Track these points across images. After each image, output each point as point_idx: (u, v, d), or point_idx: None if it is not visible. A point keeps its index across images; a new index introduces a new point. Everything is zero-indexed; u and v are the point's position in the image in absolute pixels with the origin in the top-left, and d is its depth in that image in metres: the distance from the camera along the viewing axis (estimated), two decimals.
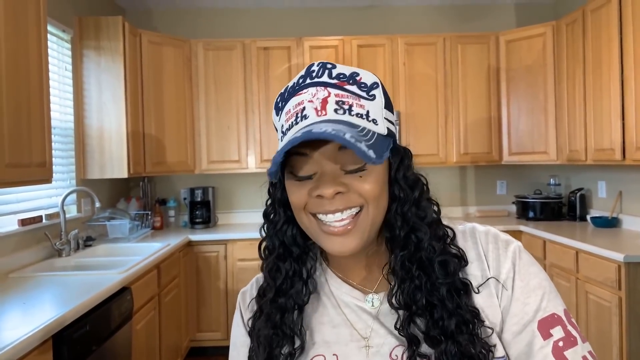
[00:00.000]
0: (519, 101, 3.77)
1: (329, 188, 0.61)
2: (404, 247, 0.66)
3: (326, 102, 0.63)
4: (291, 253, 0.72)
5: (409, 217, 0.66)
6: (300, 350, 0.69)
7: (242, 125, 3.83)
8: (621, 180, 3.30)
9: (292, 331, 0.69)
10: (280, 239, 0.72)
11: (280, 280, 0.71)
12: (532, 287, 0.66)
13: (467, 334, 0.62)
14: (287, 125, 0.65)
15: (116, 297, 2.13)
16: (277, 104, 0.70)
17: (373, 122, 0.64)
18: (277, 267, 0.72)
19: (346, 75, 0.66)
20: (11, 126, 1.87)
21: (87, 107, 3.23)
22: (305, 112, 0.63)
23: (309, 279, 0.72)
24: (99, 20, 3.24)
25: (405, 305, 0.65)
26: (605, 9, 2.91)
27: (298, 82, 0.67)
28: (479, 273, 0.67)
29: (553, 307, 0.65)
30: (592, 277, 2.64)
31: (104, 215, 3.34)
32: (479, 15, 4.22)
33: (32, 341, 1.46)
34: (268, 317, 0.70)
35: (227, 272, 3.55)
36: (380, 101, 0.66)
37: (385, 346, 0.68)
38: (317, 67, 0.66)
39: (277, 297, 0.70)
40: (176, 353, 3.18)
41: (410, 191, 0.67)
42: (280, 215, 0.72)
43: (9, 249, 2.40)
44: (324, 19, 4.18)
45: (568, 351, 0.62)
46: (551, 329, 0.63)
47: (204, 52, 3.80)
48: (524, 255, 0.68)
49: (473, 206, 4.23)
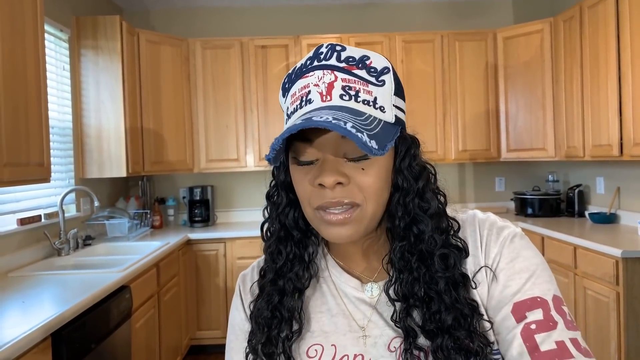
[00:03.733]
0: (516, 98, 3.77)
1: (330, 177, 0.60)
2: (404, 238, 0.65)
3: (332, 87, 0.62)
4: (292, 236, 0.71)
5: (410, 208, 0.65)
6: (297, 333, 0.69)
7: (241, 124, 3.83)
8: (619, 176, 3.31)
9: (291, 314, 0.69)
10: (282, 222, 0.72)
11: (281, 263, 0.70)
12: (516, 270, 0.63)
13: (464, 329, 0.61)
14: (292, 108, 0.64)
15: (115, 296, 2.14)
16: (285, 85, 0.68)
17: (380, 109, 0.62)
18: (278, 250, 0.71)
19: (355, 58, 0.64)
20: (9, 126, 1.87)
21: (85, 107, 3.23)
22: (310, 97, 0.62)
23: (310, 263, 0.72)
24: (97, 20, 3.24)
25: (403, 296, 0.65)
26: (602, 6, 2.91)
27: (305, 63, 0.65)
28: (475, 261, 0.66)
29: (539, 291, 0.62)
30: (590, 272, 2.65)
31: (103, 214, 3.34)
32: (476, 12, 4.22)
33: (31, 339, 1.47)
34: (268, 297, 0.70)
35: (227, 270, 3.56)
36: (390, 87, 0.64)
37: (384, 337, 0.67)
38: (326, 49, 0.64)
39: (277, 278, 0.70)
40: (176, 351, 3.19)
41: (414, 182, 0.65)
42: (283, 198, 0.71)
43: (8, 248, 2.41)
44: (321, 16, 4.18)
45: (540, 334, 0.58)
46: (528, 311, 0.60)
47: (201, 50, 3.80)
48: (517, 240, 0.66)
49: (472, 203, 4.24)
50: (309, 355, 0.69)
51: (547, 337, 0.57)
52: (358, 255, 0.72)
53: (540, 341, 0.57)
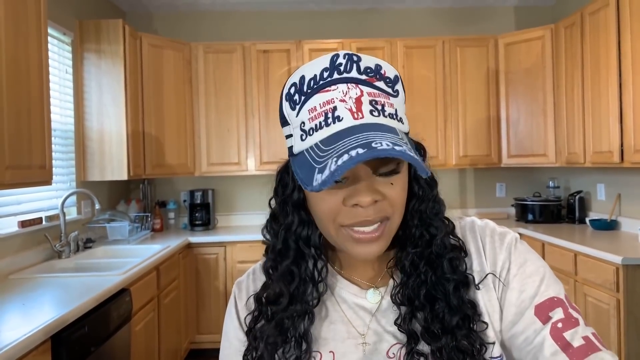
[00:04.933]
0: (518, 104, 3.78)
1: (367, 196, 0.58)
2: (417, 245, 0.66)
3: (360, 103, 0.59)
4: (304, 255, 0.69)
5: (426, 214, 0.66)
6: (307, 355, 0.67)
7: (242, 128, 3.84)
8: (620, 183, 3.31)
9: (302, 338, 0.67)
10: (294, 242, 0.69)
11: (294, 286, 0.68)
12: (528, 273, 0.65)
13: (465, 328, 0.62)
14: (313, 124, 0.59)
15: (115, 299, 2.14)
16: (291, 96, 0.63)
17: (400, 121, 0.62)
18: (291, 272, 0.68)
19: (372, 69, 0.62)
20: (11, 128, 1.88)
21: (88, 110, 3.24)
22: (337, 113, 0.58)
23: (321, 282, 0.69)
24: (100, 24, 3.26)
25: (409, 300, 0.65)
26: (603, 12, 2.92)
27: (322, 75, 0.61)
28: (479, 268, 0.67)
29: (553, 291, 0.63)
30: (590, 279, 2.65)
31: (104, 217, 3.34)
32: (478, 18, 4.23)
33: (31, 341, 1.47)
34: (279, 324, 0.67)
35: (227, 274, 3.56)
36: (402, 96, 0.65)
37: (383, 344, 0.67)
38: (344, 60, 0.61)
39: (290, 304, 0.68)
40: (175, 355, 3.18)
41: (429, 189, 0.67)
42: (294, 217, 0.68)
43: (9, 250, 2.41)
44: (323, 22, 4.20)
45: (568, 332, 0.59)
46: (550, 311, 0.61)
47: (204, 55, 3.82)
48: (520, 245, 0.68)
49: (472, 209, 4.24)
50: None
51: (574, 334, 0.59)
52: (360, 264, 0.71)
53: (570, 338, 0.59)
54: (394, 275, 0.68)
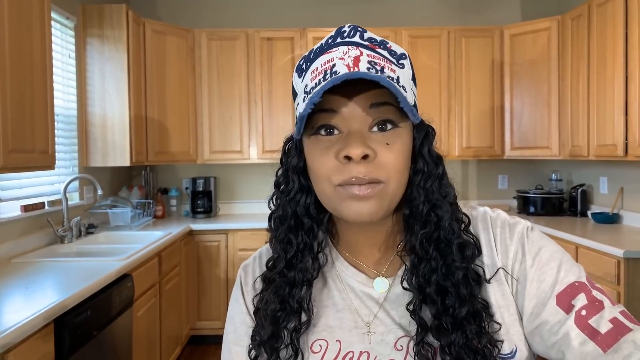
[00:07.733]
0: (522, 95, 3.75)
1: (357, 148, 0.57)
2: (425, 224, 0.64)
3: (358, 60, 0.59)
4: (302, 225, 0.68)
5: (432, 192, 0.64)
6: (306, 325, 0.67)
7: (245, 116, 3.83)
8: (623, 177, 3.30)
9: (300, 306, 0.67)
10: (292, 209, 0.68)
11: (292, 253, 0.68)
12: (544, 261, 0.63)
13: (475, 325, 0.60)
14: (313, 84, 0.59)
15: (117, 284, 2.15)
16: (300, 66, 0.65)
17: (403, 88, 0.60)
18: (289, 239, 0.68)
19: (377, 40, 0.64)
20: (14, 113, 1.88)
21: (90, 95, 3.23)
22: (335, 69, 0.58)
23: (320, 253, 0.69)
24: (103, 8, 3.24)
25: (419, 287, 0.63)
26: (611, 4, 2.89)
27: (327, 42, 0.63)
28: (489, 261, 0.65)
29: (573, 276, 0.61)
30: (591, 272, 2.65)
31: (106, 203, 3.35)
32: (483, 8, 4.19)
33: (34, 325, 1.48)
34: (276, 290, 0.68)
35: (228, 261, 3.57)
36: (409, 72, 0.65)
37: (391, 335, 0.66)
38: (349, 29, 0.64)
39: (287, 270, 0.68)
40: (176, 341, 3.21)
41: (434, 166, 0.65)
42: (295, 183, 0.68)
43: (12, 234, 2.42)
44: (327, 9, 4.16)
45: (593, 318, 0.57)
46: (572, 299, 0.59)
47: (207, 41, 3.79)
48: (532, 233, 0.66)
49: (474, 200, 4.23)
50: (313, 350, 0.68)
51: (600, 319, 0.57)
52: (367, 247, 0.70)
53: (596, 325, 0.57)
54: (403, 259, 0.67)
